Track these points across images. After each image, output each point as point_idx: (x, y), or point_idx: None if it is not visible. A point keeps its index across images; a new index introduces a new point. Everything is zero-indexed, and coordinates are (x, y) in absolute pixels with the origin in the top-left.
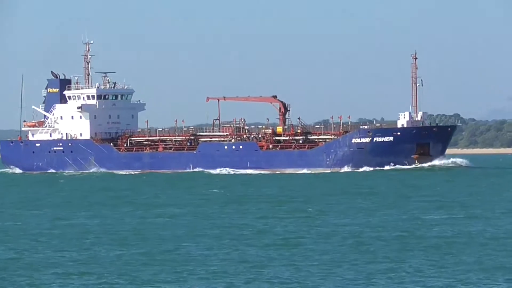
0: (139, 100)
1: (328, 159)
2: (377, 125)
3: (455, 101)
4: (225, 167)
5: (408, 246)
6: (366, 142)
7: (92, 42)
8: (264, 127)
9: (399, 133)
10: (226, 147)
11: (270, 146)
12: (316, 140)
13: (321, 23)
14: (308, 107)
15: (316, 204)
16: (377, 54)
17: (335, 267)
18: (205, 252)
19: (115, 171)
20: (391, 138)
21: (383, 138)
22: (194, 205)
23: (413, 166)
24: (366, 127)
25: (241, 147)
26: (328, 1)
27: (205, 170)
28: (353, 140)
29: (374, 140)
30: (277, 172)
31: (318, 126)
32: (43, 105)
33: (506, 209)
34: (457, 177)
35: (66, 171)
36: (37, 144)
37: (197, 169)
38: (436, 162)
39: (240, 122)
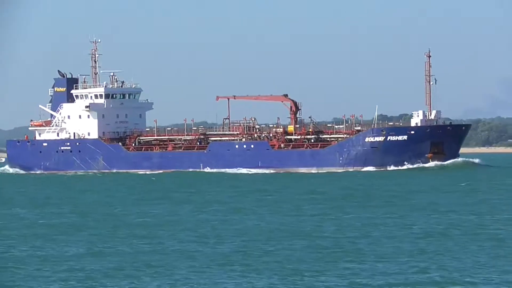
0: (147, 99)
1: (341, 158)
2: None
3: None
4: (236, 167)
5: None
6: (380, 141)
7: (99, 41)
8: (275, 126)
9: (413, 132)
10: (237, 146)
11: (282, 145)
12: (328, 139)
13: (331, 22)
14: (320, 106)
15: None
16: (388, 52)
17: None
18: None
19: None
20: (405, 137)
21: (397, 137)
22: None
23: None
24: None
25: (252, 146)
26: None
27: (216, 169)
28: (367, 139)
29: (388, 139)
30: (281, 172)
31: (330, 125)
32: (50, 104)
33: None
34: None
35: (74, 171)
36: (44, 144)
37: (207, 169)
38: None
39: (251, 121)
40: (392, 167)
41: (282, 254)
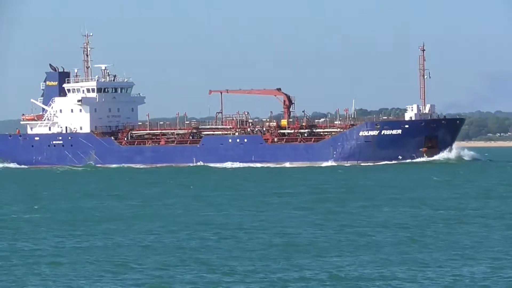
0: (139, 93)
1: (335, 153)
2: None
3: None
4: (229, 161)
5: None
6: (374, 135)
7: (91, 34)
8: (268, 120)
9: (407, 126)
10: (230, 140)
11: (275, 139)
12: (322, 133)
13: (324, 16)
14: (313, 100)
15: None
16: (380, 47)
17: None
18: None
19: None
20: (399, 131)
21: (391, 131)
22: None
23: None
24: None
25: (245, 140)
26: None
27: (209, 164)
28: (361, 133)
29: (382, 133)
30: (270, 165)
31: (323, 119)
32: (42, 98)
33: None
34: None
35: (67, 165)
36: (36, 138)
37: (200, 163)
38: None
39: (244, 115)
40: (386, 161)
41: (259, 249)
